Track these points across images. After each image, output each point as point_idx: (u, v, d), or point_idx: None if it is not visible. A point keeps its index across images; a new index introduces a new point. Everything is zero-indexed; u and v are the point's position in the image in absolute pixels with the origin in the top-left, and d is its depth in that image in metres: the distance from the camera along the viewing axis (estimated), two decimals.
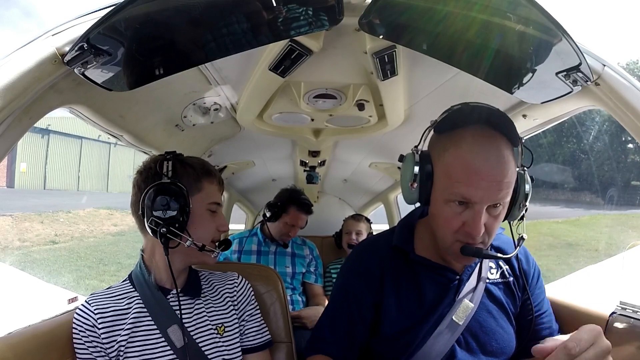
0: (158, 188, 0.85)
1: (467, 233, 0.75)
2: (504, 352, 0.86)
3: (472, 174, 0.72)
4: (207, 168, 0.94)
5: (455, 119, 0.77)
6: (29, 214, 9.33)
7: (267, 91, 1.19)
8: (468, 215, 0.74)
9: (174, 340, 0.86)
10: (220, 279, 1.02)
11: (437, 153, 0.78)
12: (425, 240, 0.89)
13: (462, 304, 0.84)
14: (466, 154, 0.72)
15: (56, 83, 0.71)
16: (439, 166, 0.77)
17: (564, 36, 0.63)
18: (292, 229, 2.02)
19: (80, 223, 9.95)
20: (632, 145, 11.14)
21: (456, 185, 0.73)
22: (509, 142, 0.74)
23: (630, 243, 4.13)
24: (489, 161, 0.71)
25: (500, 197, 0.73)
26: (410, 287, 0.87)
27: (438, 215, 0.79)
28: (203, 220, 0.90)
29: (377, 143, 1.80)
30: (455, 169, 0.73)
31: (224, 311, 0.97)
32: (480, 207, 0.73)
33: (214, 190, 0.94)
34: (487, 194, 0.72)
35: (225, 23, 0.68)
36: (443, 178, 0.76)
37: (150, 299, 0.88)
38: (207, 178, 0.93)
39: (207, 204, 0.92)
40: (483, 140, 0.73)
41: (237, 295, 1.00)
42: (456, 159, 0.73)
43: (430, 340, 0.83)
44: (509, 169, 0.72)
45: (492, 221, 0.76)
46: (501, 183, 0.72)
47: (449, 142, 0.75)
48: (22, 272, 3.92)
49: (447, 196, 0.75)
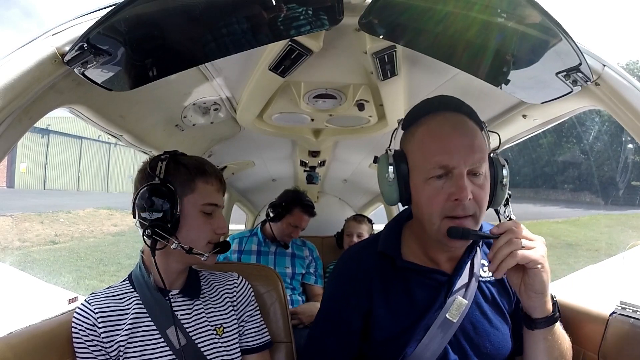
0: (148, 189, 0.84)
1: (454, 203, 0.74)
2: (499, 353, 0.84)
3: (445, 140, 0.75)
4: (202, 168, 0.91)
5: (418, 110, 0.82)
6: (29, 214, 9.34)
7: (267, 91, 1.19)
8: (451, 184, 0.74)
9: (173, 341, 0.86)
10: (220, 280, 1.01)
11: (407, 142, 0.82)
12: (412, 244, 0.88)
13: (455, 301, 0.82)
14: (435, 127, 0.77)
15: (56, 83, 0.71)
16: (412, 151, 0.79)
17: (564, 36, 0.63)
18: (295, 230, 2.02)
19: (80, 223, 9.96)
20: (632, 145, 11.14)
21: (431, 156, 0.75)
22: (474, 122, 0.79)
23: (630, 243, 4.13)
24: (457, 129, 0.76)
25: (476, 159, 0.74)
26: (400, 292, 0.85)
27: (421, 198, 0.78)
28: (196, 221, 0.88)
29: (377, 143, 1.79)
30: (427, 143, 0.77)
31: (223, 312, 0.96)
32: (459, 170, 0.74)
33: (209, 190, 0.90)
34: (462, 156, 0.73)
35: (225, 23, 0.68)
36: (418, 158, 0.78)
37: (149, 299, 0.88)
38: (202, 178, 0.90)
39: (200, 205, 0.89)
40: (450, 118, 0.78)
41: (236, 295, 0.99)
42: (426, 135, 0.78)
43: (424, 341, 0.82)
44: (477, 135, 0.77)
45: (478, 190, 0.75)
46: (473, 146, 0.75)
47: (417, 127, 0.80)
48: (22, 272, 3.92)
49: (426, 173, 0.76)
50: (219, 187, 0.93)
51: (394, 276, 0.87)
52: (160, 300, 0.89)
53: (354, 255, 0.95)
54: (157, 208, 0.83)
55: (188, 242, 0.86)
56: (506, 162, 0.81)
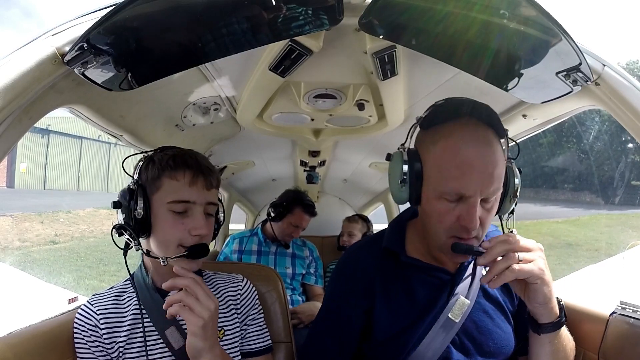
0: (121, 189, 0.83)
1: (462, 227, 0.74)
2: (501, 352, 0.84)
3: (466, 167, 0.70)
4: (170, 162, 0.83)
5: (440, 112, 0.77)
6: (29, 214, 9.33)
7: (267, 91, 1.19)
8: (462, 209, 0.73)
9: (172, 342, 0.85)
10: (224, 281, 0.99)
11: (425, 148, 0.76)
12: (416, 242, 0.88)
13: (458, 301, 0.83)
14: (457, 145, 0.71)
15: (56, 83, 0.71)
16: (429, 161, 0.75)
17: (564, 36, 0.63)
18: (296, 230, 2.02)
19: (80, 223, 9.95)
20: (632, 145, 11.14)
21: (450, 180, 0.72)
22: (496, 134, 0.74)
23: (630, 243, 4.13)
24: (481, 152, 0.71)
25: (493, 190, 0.72)
26: (401, 291, 0.85)
27: (431, 211, 0.77)
28: (166, 222, 0.81)
29: (377, 143, 1.80)
30: (447, 163, 0.72)
31: (226, 314, 0.94)
32: (474, 200, 0.72)
33: (175, 187, 0.81)
34: (480, 186, 0.71)
35: (225, 23, 0.68)
36: (435, 173, 0.74)
37: (148, 299, 0.88)
38: (169, 173, 0.82)
39: (166, 203, 0.81)
40: (472, 131, 0.72)
41: (240, 299, 0.96)
42: (447, 152, 0.72)
43: (426, 341, 0.82)
44: (499, 160, 0.72)
45: (486, 214, 0.75)
46: (493, 175, 0.71)
47: (437, 135, 0.74)
48: (22, 272, 3.91)
49: (440, 192, 0.74)
50: (192, 180, 0.83)
51: (395, 275, 0.87)
52: (159, 301, 0.87)
53: (355, 254, 0.95)
54: (124, 209, 0.81)
55: (159, 244, 0.82)
56: (519, 172, 0.79)
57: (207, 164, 0.87)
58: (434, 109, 0.78)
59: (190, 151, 0.88)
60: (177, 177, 0.82)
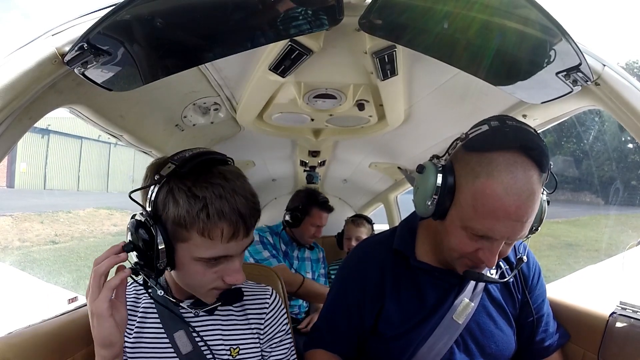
0: (134, 221, 0.66)
1: (479, 259, 0.74)
2: (503, 354, 0.86)
3: (501, 214, 0.68)
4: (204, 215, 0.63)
5: (489, 139, 0.72)
6: (29, 214, 9.32)
7: (267, 91, 1.19)
8: (484, 245, 0.72)
9: (180, 346, 0.79)
10: (249, 293, 0.85)
11: (464, 172, 0.72)
12: (427, 245, 0.88)
13: (462, 303, 0.84)
14: (498, 191, 0.68)
15: (56, 83, 0.71)
16: (466, 192, 0.71)
17: (564, 36, 0.63)
18: (318, 230, 1.99)
19: (80, 223, 9.95)
20: (632, 145, 11.14)
21: (482, 221, 0.70)
22: (539, 172, 0.70)
23: (630, 243, 4.13)
24: (521, 204, 0.68)
25: (521, 235, 0.72)
26: (411, 290, 0.86)
27: (452, 236, 0.75)
28: (193, 269, 0.69)
29: (377, 143, 1.80)
30: (483, 206, 0.69)
31: (243, 332, 0.82)
32: (499, 242, 0.72)
33: (210, 245, 0.65)
34: (508, 233, 0.70)
35: (225, 23, 0.68)
36: (468, 207, 0.71)
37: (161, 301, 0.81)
38: (201, 228, 0.63)
39: (195, 256, 0.66)
40: (516, 172, 0.68)
41: (265, 318, 0.84)
42: (486, 194, 0.69)
43: (430, 341, 0.83)
44: (536, 208, 0.70)
45: (505, 248, 0.75)
46: (525, 223, 0.70)
47: (479, 167, 0.70)
48: (22, 272, 3.92)
49: (467, 226, 0.72)
50: (231, 236, 0.66)
51: (406, 274, 0.88)
52: (170, 304, 0.79)
53: (368, 249, 0.96)
54: (141, 250, 0.65)
55: (184, 285, 0.73)
56: (547, 202, 0.78)
57: (250, 203, 0.70)
58: (484, 131, 0.73)
59: (229, 184, 0.68)
60: (212, 235, 0.65)
